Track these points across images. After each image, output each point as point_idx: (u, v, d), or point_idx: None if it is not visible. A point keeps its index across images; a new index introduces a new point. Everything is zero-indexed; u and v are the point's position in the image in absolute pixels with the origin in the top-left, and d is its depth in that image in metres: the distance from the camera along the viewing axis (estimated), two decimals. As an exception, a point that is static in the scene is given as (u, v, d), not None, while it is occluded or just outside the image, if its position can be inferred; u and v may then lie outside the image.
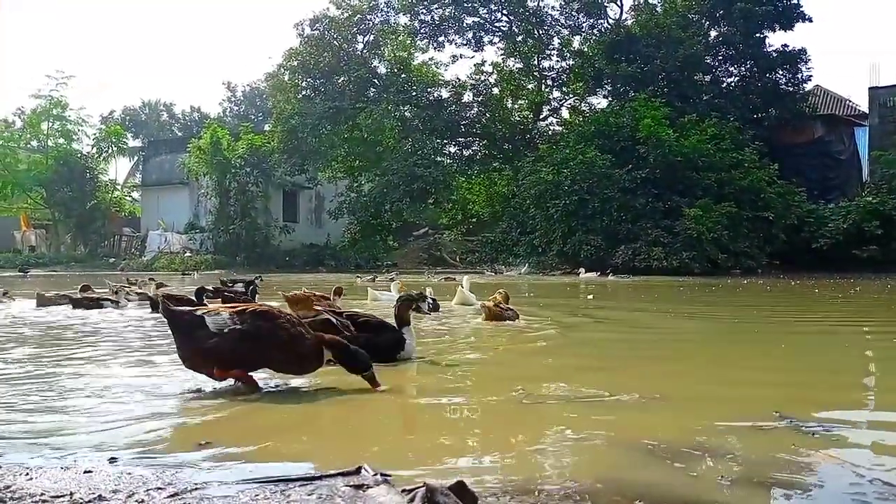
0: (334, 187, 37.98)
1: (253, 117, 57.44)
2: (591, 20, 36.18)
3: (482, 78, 38.54)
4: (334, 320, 4.21)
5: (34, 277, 23.83)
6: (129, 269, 30.76)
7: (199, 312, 3.53)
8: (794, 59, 31.93)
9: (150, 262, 32.41)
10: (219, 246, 33.93)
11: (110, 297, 9.18)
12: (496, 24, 38.26)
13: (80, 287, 9.77)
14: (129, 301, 9.63)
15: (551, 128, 38.82)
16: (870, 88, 31.32)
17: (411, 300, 4.45)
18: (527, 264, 26.81)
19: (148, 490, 1.99)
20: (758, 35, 31.85)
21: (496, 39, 38.40)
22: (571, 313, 8.73)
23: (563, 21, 37.15)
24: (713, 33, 33.72)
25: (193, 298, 8.41)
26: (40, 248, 39.36)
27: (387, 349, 4.23)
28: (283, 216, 37.69)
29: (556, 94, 39.52)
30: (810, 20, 31.60)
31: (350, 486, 1.98)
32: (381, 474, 2.04)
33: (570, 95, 38.91)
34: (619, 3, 36.41)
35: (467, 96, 38.51)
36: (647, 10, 34.43)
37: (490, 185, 37.36)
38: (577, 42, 37.32)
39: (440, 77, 38.76)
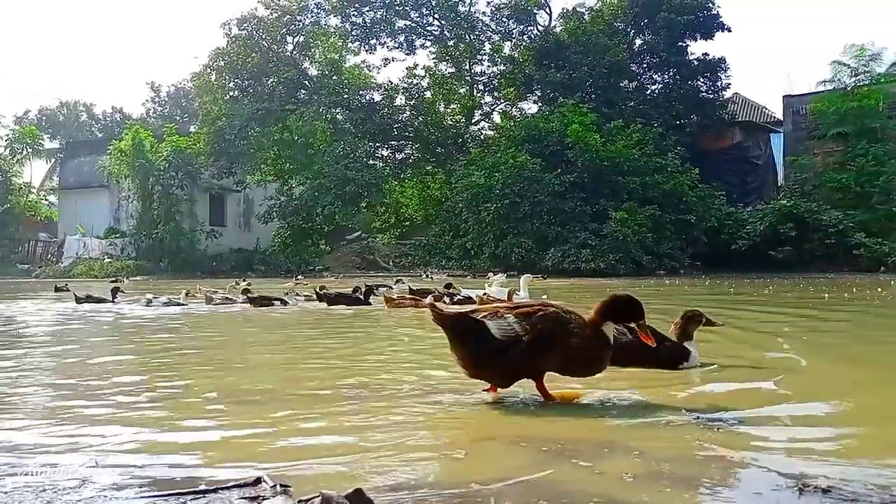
0: (263, 191, 37.16)
1: (178, 118, 55.69)
2: (521, 26, 36.63)
3: (414, 81, 38.58)
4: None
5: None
6: (44, 276, 29.36)
7: (479, 316, 3.20)
8: (714, 67, 33.15)
9: (68, 269, 30.94)
10: (141, 251, 32.70)
11: (280, 297, 10.93)
12: (428, 28, 38.34)
13: (241, 290, 11.81)
14: (297, 300, 11.30)
15: (483, 132, 39.12)
16: (784, 96, 32.77)
17: (700, 317, 4.29)
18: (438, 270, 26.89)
19: (25, 510, 1.87)
20: (680, 44, 32.91)
21: (428, 43, 38.52)
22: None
23: (493, 27, 37.51)
24: (638, 41, 34.69)
25: (360, 296, 10.39)
26: (-53, 254, 37.11)
27: (668, 360, 4.18)
28: (209, 220, 36.59)
29: (487, 98, 39.92)
30: (729, 30, 32.89)
31: (245, 498, 1.90)
32: (281, 485, 1.98)
33: (502, 100, 39.32)
34: (548, 10, 37.09)
35: (400, 99, 38.45)
36: (574, 18, 35.13)
37: (423, 189, 37.33)
38: (507, 48, 37.70)
39: (372, 80, 38.55)
